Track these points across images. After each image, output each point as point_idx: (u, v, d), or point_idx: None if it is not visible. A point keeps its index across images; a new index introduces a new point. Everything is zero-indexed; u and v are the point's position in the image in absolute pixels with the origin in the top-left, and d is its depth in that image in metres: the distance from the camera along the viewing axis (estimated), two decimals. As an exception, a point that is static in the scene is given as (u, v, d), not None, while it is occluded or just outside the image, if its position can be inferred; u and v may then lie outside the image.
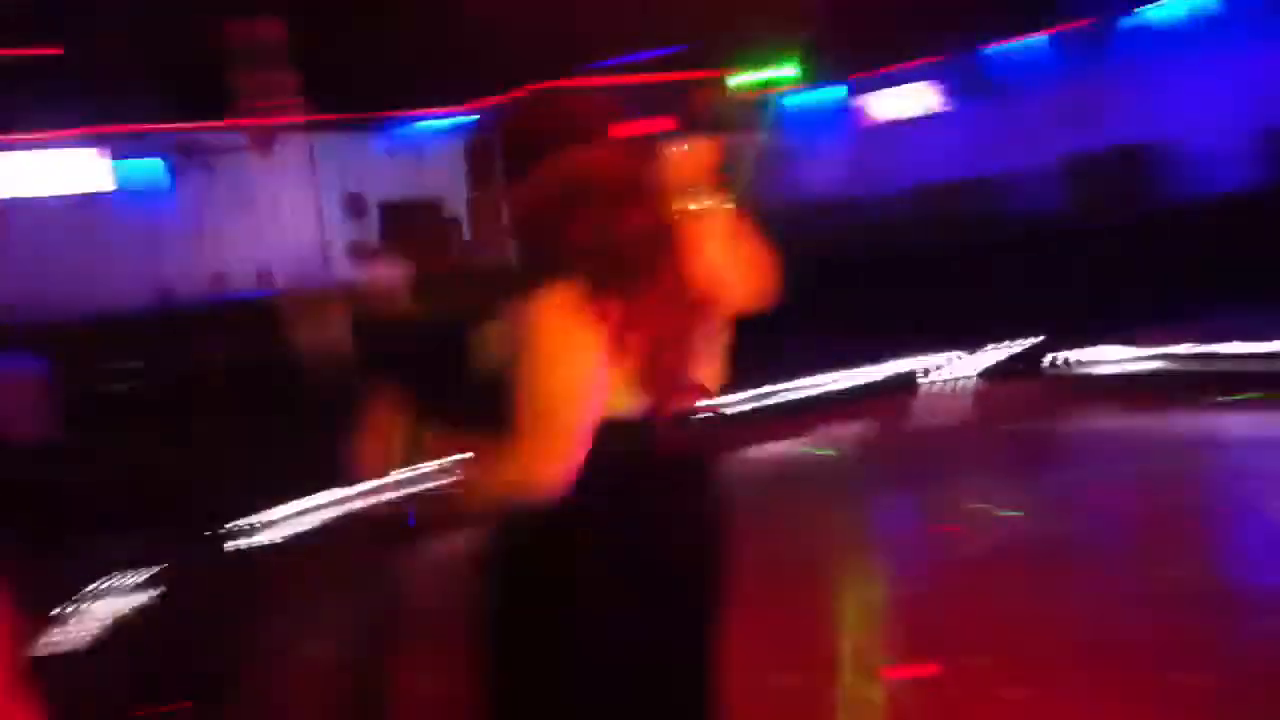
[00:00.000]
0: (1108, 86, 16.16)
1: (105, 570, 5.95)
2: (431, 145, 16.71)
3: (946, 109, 18.53)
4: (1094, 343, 8.91)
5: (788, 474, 7.99)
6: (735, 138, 16.53)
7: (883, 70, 18.95)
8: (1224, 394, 7.84)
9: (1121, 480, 6.72)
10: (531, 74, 15.10)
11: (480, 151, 16.96)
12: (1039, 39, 17.39)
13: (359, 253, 12.60)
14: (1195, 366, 8.35)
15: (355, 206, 6.12)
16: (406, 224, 13.50)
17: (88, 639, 5.41)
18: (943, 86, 18.50)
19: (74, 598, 5.77)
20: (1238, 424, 7.66)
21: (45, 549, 5.89)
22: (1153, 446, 7.44)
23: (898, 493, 7.07)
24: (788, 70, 17.53)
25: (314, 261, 5.98)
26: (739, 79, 17.34)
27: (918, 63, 18.44)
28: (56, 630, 5.52)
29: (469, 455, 2.03)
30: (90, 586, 5.82)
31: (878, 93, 19.52)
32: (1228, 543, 5.69)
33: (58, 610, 5.65)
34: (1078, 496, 6.48)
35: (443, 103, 16.52)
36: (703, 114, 16.08)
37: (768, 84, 17.62)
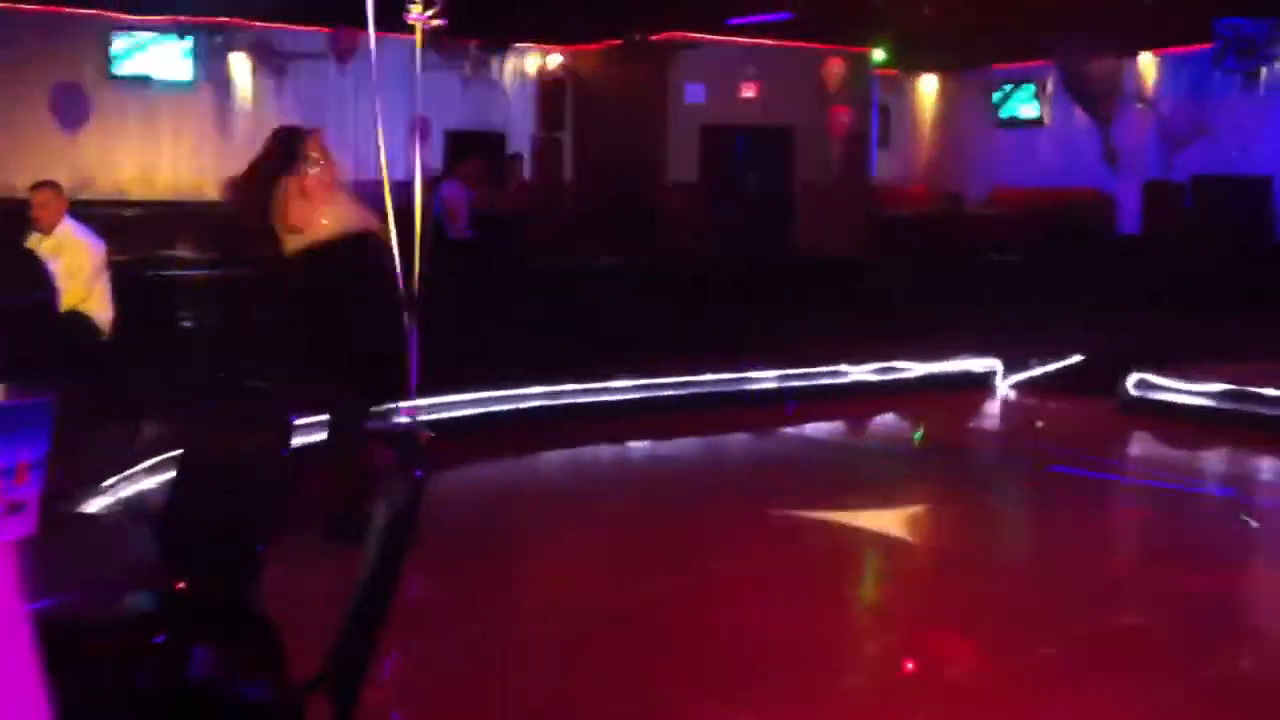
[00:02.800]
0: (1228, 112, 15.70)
1: (147, 449, 5.93)
2: (508, 79, 16.62)
3: (1053, 116, 18.13)
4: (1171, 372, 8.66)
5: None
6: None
7: (986, 67, 18.57)
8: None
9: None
10: (641, 23, 14.97)
11: (554, 92, 16.82)
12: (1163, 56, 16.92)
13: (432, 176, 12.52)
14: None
15: (420, 129, 6.03)
16: (468, 153, 13.39)
17: (121, 509, 5.40)
18: (1050, 93, 18.08)
19: (114, 473, 5.74)
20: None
21: (95, 422, 5.88)
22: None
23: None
24: (881, 53, 17.23)
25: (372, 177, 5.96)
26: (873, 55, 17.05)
27: (1023, 65, 18.03)
28: (93, 500, 5.51)
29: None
30: (131, 464, 5.80)
31: (982, 89, 19.13)
32: None
33: (96, 483, 5.63)
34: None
35: (533, 39, 16.38)
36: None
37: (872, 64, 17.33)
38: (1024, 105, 18.52)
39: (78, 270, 6.71)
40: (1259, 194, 14.95)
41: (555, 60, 16.85)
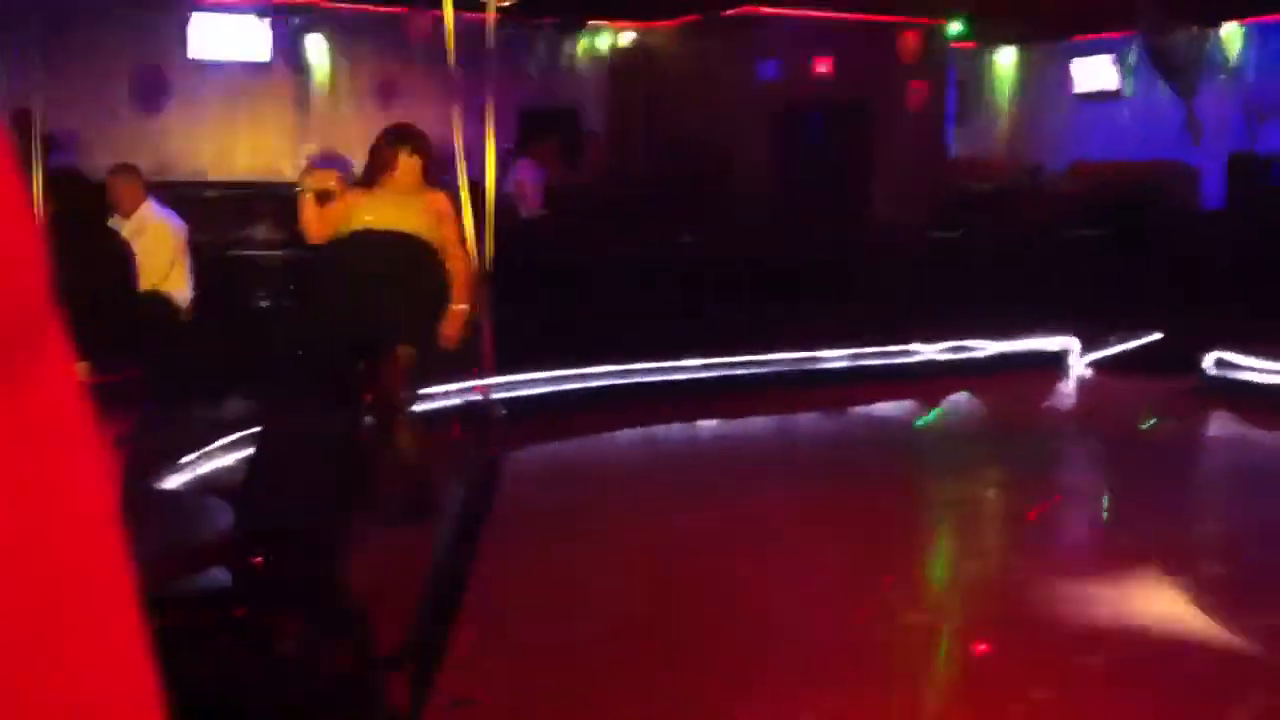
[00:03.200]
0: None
1: (226, 427, 6.03)
2: (582, 57, 16.62)
3: (1129, 89, 17.76)
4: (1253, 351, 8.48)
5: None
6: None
7: (1065, 38, 18.23)
8: None
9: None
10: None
11: (626, 70, 16.78)
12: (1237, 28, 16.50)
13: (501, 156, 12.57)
14: None
15: (493, 108, 6.02)
16: (543, 131, 13.39)
17: (200, 485, 5.50)
18: (1126, 65, 17.71)
19: (193, 450, 5.85)
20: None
21: (172, 402, 5.99)
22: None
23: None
24: (957, 25, 16.98)
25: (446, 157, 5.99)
26: (951, 27, 16.82)
27: (1103, 36, 17.68)
28: (173, 477, 5.62)
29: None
30: (210, 441, 5.91)
31: (1061, 61, 18.79)
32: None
33: (176, 460, 5.74)
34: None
35: (606, 16, 16.36)
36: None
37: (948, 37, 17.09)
38: (1104, 77, 18.16)
39: (157, 250, 6.82)
40: (1348, 167, 14.55)
41: (628, 38, 16.82)
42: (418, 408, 5.44)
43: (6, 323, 0.49)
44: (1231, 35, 16.58)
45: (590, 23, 16.52)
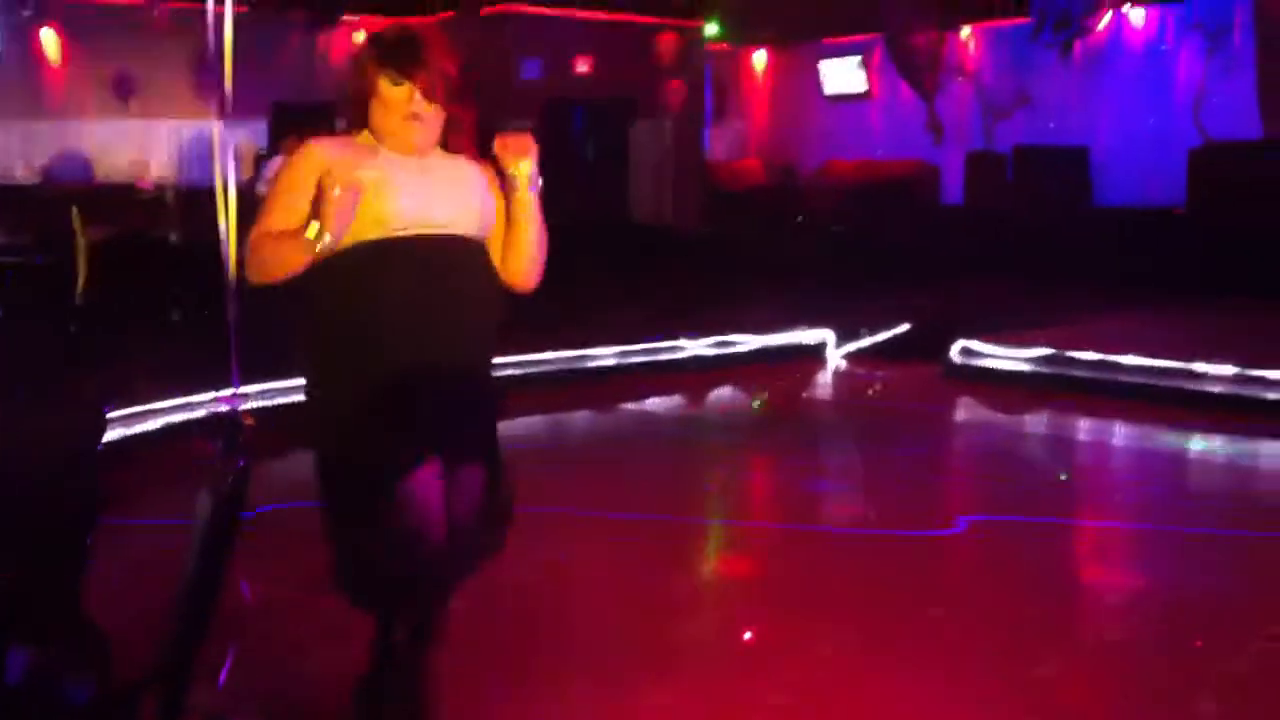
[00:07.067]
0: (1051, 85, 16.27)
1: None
2: (340, 51, 16.30)
3: (880, 89, 18.50)
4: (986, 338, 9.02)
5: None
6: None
7: (814, 41, 18.87)
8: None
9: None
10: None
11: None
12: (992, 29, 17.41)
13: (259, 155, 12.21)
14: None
15: (236, 103, 5.84)
16: (298, 129, 13.04)
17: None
18: (876, 66, 18.47)
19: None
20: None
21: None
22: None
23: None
24: (712, 27, 17.41)
25: (203, 156, 5.73)
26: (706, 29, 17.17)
27: (850, 39, 18.38)
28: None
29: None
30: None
31: (811, 63, 19.43)
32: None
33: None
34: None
35: (362, 10, 16.07)
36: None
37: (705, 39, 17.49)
38: (852, 79, 18.89)
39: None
40: (1077, 163, 15.56)
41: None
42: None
43: None
44: (968, 39, 17.51)
45: (345, 18, 16.20)
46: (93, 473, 2.88)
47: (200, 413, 5.87)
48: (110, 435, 4.15)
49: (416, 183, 2.85)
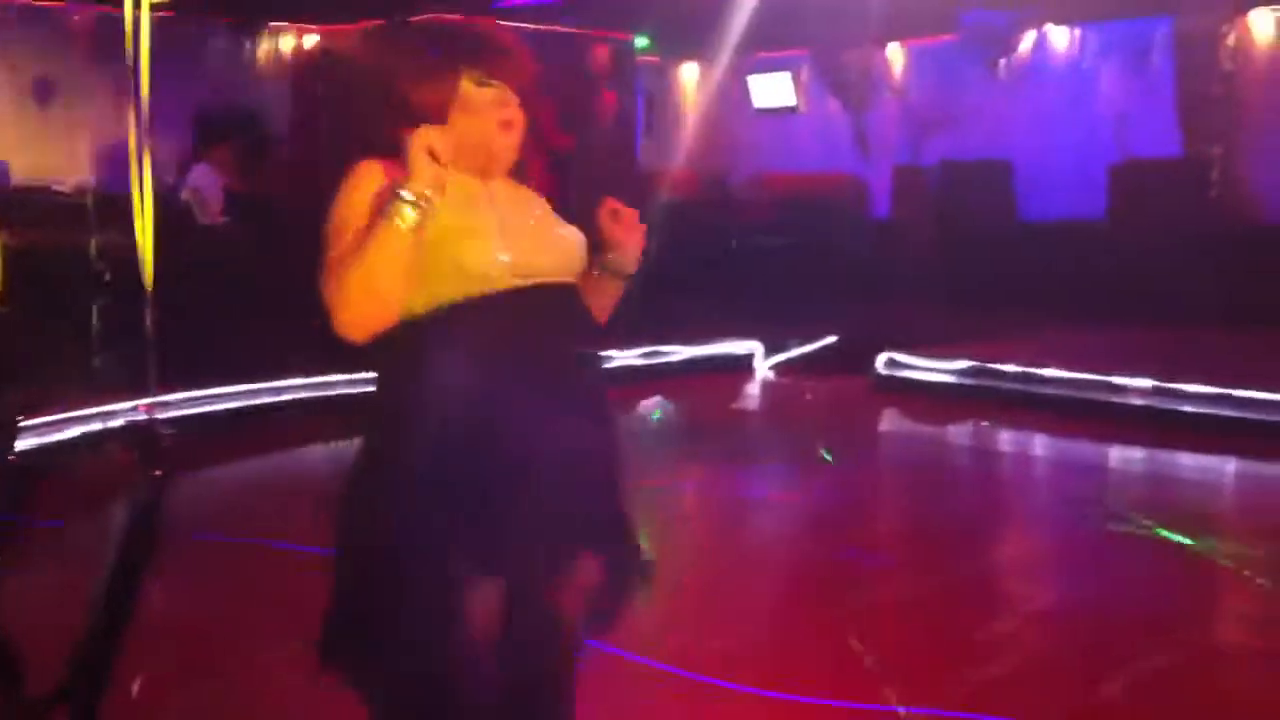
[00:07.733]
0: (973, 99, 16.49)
1: None
2: (263, 59, 16.08)
3: (808, 104, 18.64)
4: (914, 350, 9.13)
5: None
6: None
7: (745, 55, 18.97)
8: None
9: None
10: (401, 3, 14.65)
11: (311, 75, 16.37)
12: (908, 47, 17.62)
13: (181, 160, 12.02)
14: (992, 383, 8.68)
15: (155, 113, 5.71)
16: (222, 135, 12.79)
17: None
18: (805, 81, 18.61)
19: None
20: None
21: None
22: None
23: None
24: (642, 40, 17.50)
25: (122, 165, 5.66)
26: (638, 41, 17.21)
27: (780, 54, 18.52)
28: None
29: None
30: None
31: (742, 77, 19.54)
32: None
33: None
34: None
35: (295, 18, 15.90)
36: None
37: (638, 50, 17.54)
38: (781, 93, 19.01)
39: None
40: (1001, 177, 15.76)
41: (312, 41, 16.40)
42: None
43: None
44: (895, 55, 17.71)
45: (271, 24, 16.01)
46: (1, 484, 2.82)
47: (119, 422, 5.75)
48: (25, 444, 4.06)
49: (507, 217, 2.26)
